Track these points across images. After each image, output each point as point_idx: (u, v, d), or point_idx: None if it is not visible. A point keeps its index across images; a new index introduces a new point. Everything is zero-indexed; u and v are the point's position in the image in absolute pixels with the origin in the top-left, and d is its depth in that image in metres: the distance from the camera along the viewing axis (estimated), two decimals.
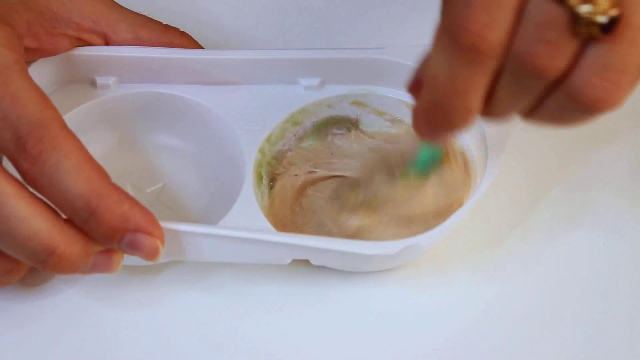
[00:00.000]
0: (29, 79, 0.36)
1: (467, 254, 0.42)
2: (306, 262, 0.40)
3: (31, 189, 0.34)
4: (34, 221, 0.33)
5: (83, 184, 0.34)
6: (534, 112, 0.32)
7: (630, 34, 0.29)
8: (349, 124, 0.46)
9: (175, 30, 0.45)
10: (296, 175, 0.44)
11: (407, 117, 0.45)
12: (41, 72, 0.43)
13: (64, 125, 0.35)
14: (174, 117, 0.45)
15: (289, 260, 0.39)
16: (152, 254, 0.36)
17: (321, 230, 0.42)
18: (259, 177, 0.43)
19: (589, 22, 0.29)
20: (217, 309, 0.41)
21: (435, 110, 0.32)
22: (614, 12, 0.29)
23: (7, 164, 0.35)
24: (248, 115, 0.44)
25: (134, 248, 0.35)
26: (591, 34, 0.29)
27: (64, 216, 0.35)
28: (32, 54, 0.42)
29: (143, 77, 0.44)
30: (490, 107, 0.32)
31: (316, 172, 0.45)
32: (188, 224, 0.38)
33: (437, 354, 0.39)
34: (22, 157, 0.34)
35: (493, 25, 0.29)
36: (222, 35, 0.52)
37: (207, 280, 0.42)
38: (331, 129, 0.46)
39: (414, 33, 0.39)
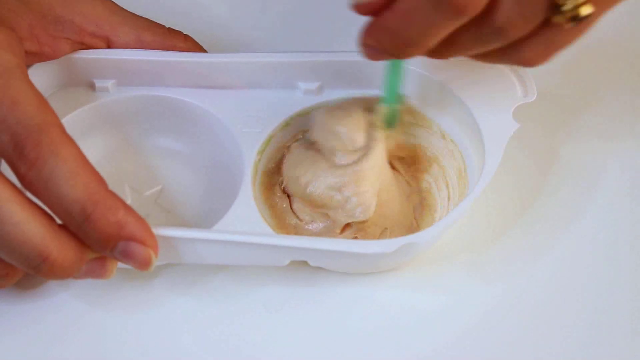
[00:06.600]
0: (29, 82, 0.36)
1: (465, 253, 0.43)
2: (304, 264, 0.40)
3: (28, 194, 0.34)
4: (28, 226, 0.33)
5: (79, 190, 0.34)
6: (475, 55, 0.36)
7: (586, 27, 0.34)
8: None
9: (178, 33, 0.45)
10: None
11: None
12: (40, 75, 0.43)
13: (62, 131, 0.35)
14: (172, 120, 0.45)
15: (286, 262, 0.39)
16: (144, 264, 0.35)
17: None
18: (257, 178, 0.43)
19: (568, 14, 0.33)
20: (214, 312, 0.41)
21: (394, 37, 0.34)
22: (589, 9, 0.33)
23: (5, 168, 0.35)
24: (247, 118, 0.44)
25: (126, 256, 0.35)
26: (563, 22, 0.33)
27: (59, 222, 0.35)
28: (33, 58, 0.42)
29: (141, 80, 0.44)
30: (445, 49, 0.35)
31: None
32: (184, 229, 0.38)
33: (437, 353, 0.39)
34: (20, 160, 0.34)
35: None
36: (224, 39, 0.52)
37: (204, 283, 0.42)
38: None
39: None
